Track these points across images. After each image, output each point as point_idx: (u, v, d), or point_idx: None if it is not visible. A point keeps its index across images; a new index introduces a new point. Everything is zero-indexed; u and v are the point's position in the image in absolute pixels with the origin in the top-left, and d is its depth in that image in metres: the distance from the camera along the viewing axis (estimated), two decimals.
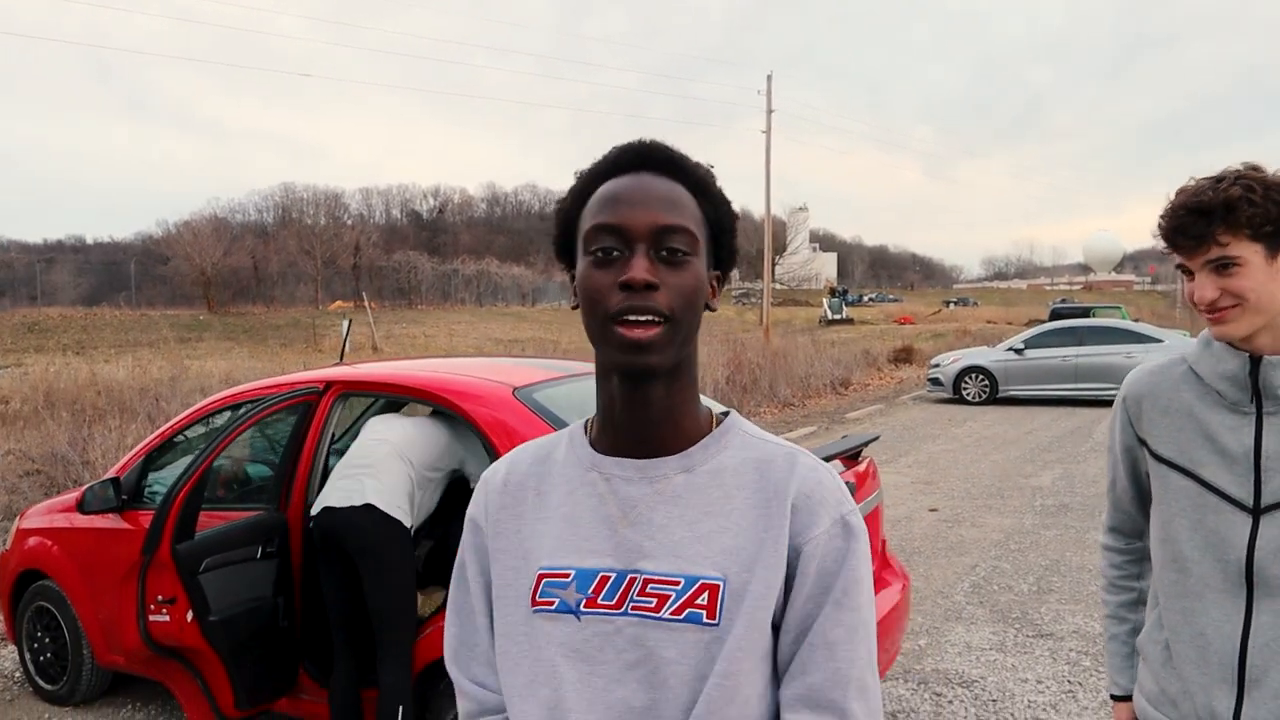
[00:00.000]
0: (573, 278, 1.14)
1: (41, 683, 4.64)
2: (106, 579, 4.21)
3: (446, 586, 3.61)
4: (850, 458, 3.86)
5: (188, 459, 3.87)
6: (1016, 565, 6.57)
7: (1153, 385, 1.73)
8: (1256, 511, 1.59)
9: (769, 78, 34.51)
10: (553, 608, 1.10)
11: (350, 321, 7.04)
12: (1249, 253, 1.53)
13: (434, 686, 3.32)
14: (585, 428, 1.20)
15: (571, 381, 3.79)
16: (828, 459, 3.53)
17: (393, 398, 3.96)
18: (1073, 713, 4.20)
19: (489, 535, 1.19)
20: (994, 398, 17.20)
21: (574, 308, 1.14)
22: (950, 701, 4.33)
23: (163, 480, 4.35)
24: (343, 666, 3.43)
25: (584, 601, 1.08)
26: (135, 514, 4.17)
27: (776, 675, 1.09)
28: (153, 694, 4.61)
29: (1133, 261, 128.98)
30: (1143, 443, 1.75)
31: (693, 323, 1.07)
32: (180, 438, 4.37)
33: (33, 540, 4.64)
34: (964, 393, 17.43)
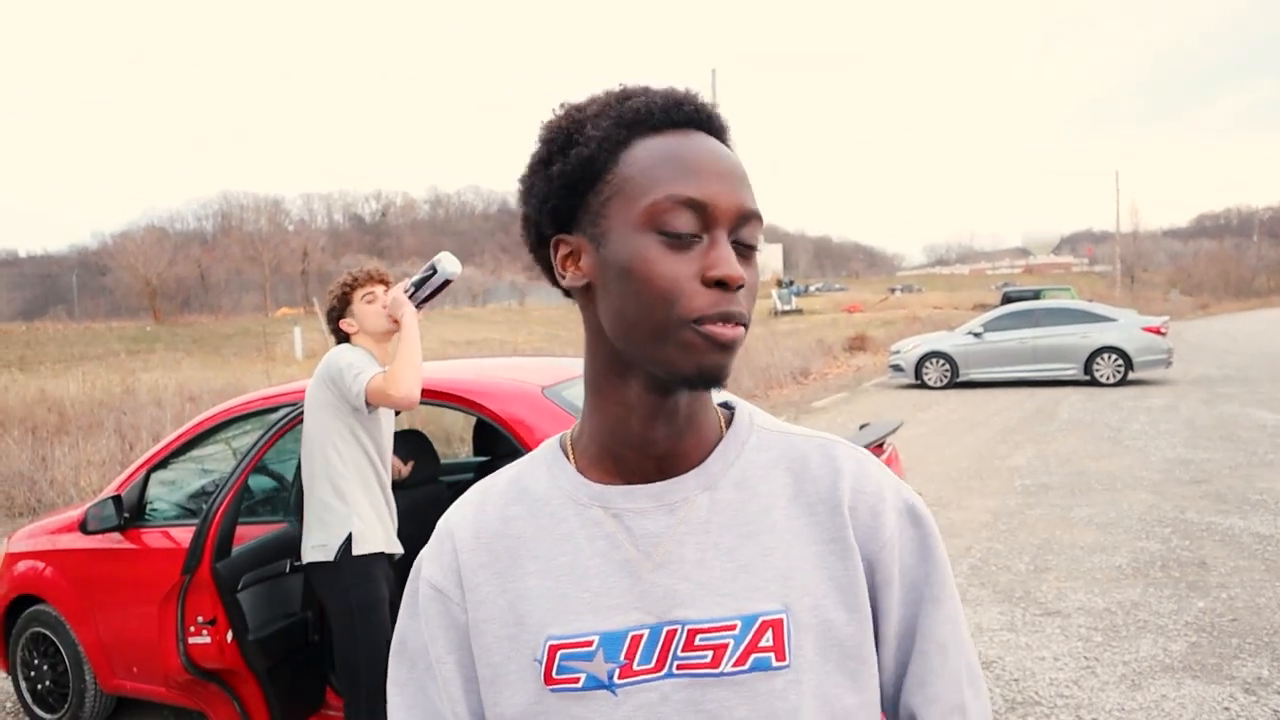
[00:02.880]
0: (551, 247, 0.91)
1: (40, 712, 4.47)
2: (111, 600, 4.07)
3: None
4: (876, 447, 3.85)
5: (205, 469, 3.75)
6: (1010, 545, 6.64)
7: None
8: None
9: (713, 72, 34.57)
10: (579, 685, 0.87)
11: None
12: None
13: None
14: (564, 451, 0.97)
15: None
16: None
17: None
18: (1094, 688, 4.24)
19: (465, 605, 0.94)
20: (954, 382, 17.40)
21: (578, 285, 0.90)
22: None
23: (163, 498, 4.22)
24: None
25: (618, 671, 0.87)
26: (138, 532, 4.04)
27: (886, 697, 0.96)
28: (159, 718, 4.47)
29: (1069, 244, 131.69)
30: None
31: None
32: (181, 453, 4.23)
33: (23, 564, 4.47)
34: (925, 378, 17.61)
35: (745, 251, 0.87)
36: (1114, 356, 16.32)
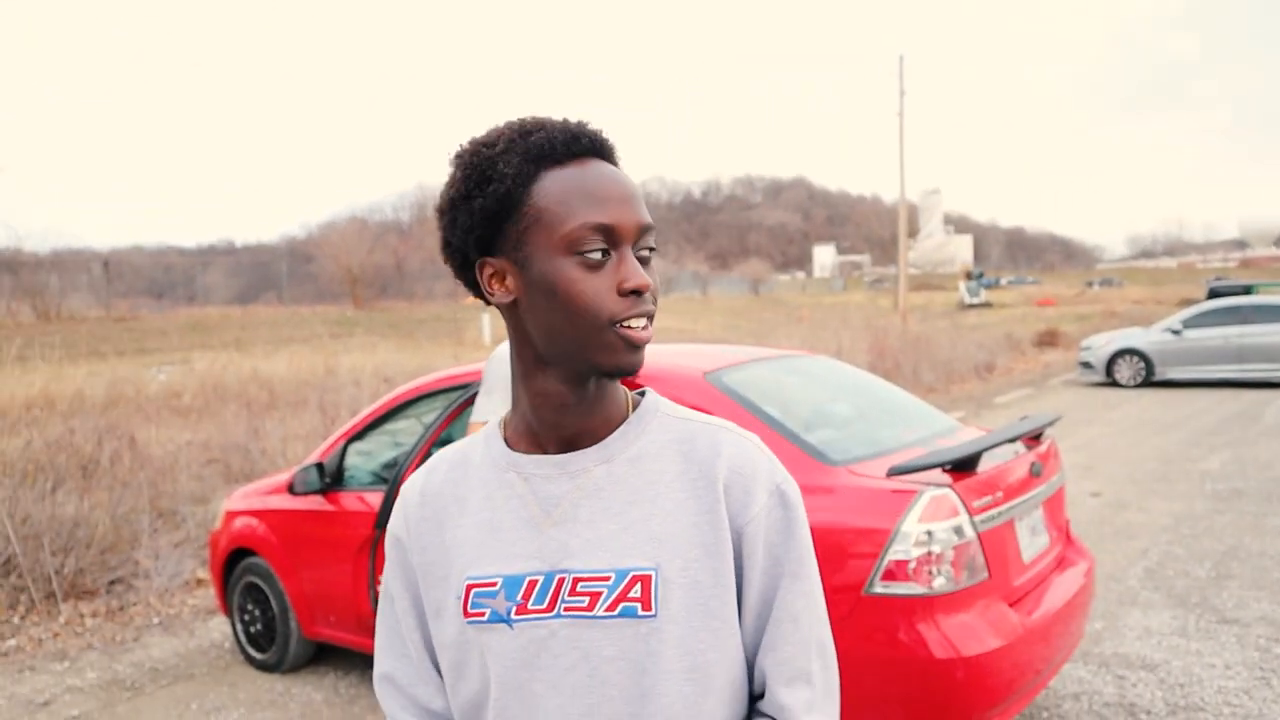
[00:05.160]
0: (477, 269, 1.07)
1: (252, 652, 5.01)
2: (312, 555, 4.54)
3: None
4: (1033, 438, 3.84)
5: (397, 442, 4.10)
6: (1191, 550, 6.37)
7: None
8: None
9: (900, 59, 33.81)
10: (485, 618, 1.07)
11: None
12: None
13: None
14: (502, 426, 1.16)
15: (757, 365, 3.88)
16: (1011, 440, 3.52)
17: None
18: (1267, 699, 4.08)
19: (412, 551, 1.15)
20: (1149, 381, 16.50)
21: (505, 301, 1.07)
22: (1134, 684, 4.27)
23: (359, 465, 4.64)
24: None
25: (515, 609, 1.06)
26: (336, 495, 4.48)
27: (746, 659, 1.09)
28: (353, 664, 4.92)
29: None
30: None
31: None
32: (375, 426, 4.64)
33: (240, 521, 5.00)
34: (1116, 376, 16.78)
35: (646, 258, 1.05)
36: None
